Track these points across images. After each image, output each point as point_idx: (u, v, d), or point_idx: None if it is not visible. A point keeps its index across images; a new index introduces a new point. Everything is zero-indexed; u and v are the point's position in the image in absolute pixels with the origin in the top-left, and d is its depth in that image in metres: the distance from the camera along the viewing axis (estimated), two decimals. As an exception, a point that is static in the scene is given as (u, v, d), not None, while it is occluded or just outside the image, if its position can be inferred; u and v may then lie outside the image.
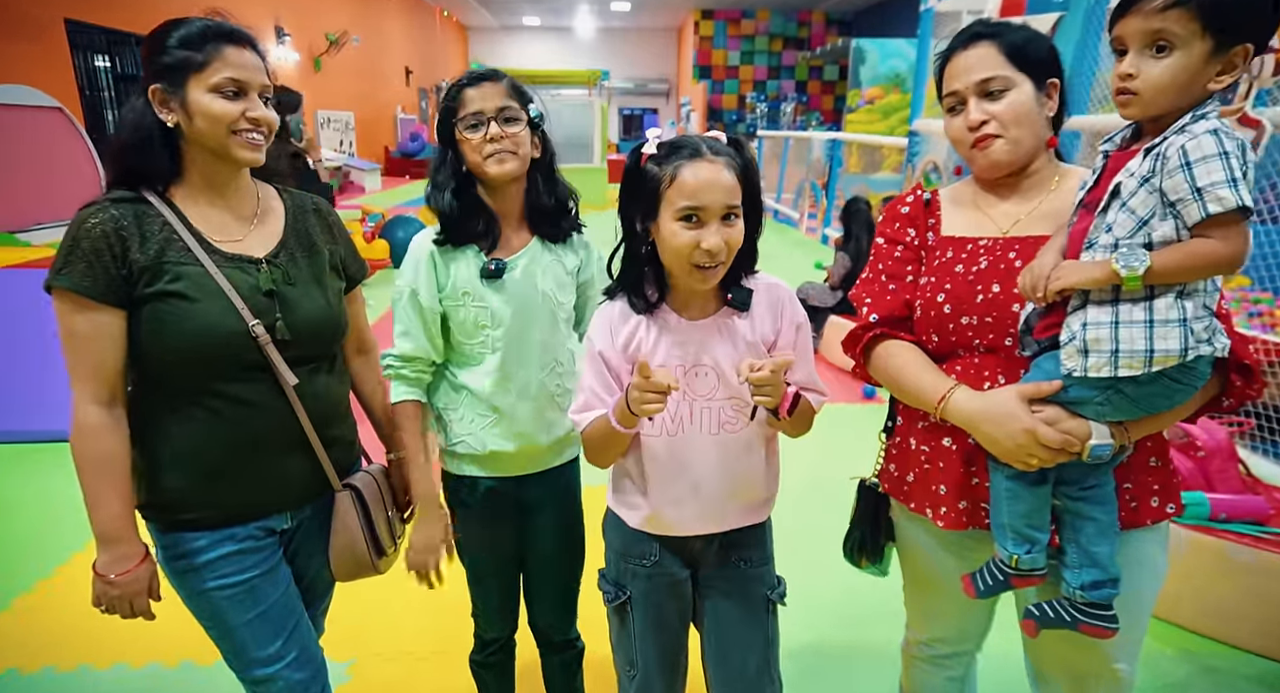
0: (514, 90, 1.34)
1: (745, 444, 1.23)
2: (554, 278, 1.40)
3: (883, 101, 10.73)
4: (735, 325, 1.21)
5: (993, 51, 1.13)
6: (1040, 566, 1.12)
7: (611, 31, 23.39)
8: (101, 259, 1.09)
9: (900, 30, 12.13)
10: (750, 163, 1.16)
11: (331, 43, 12.67)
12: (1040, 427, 1.04)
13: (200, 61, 1.12)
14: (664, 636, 1.33)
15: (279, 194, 1.32)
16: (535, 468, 1.46)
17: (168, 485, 1.18)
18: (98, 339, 1.10)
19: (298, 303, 1.22)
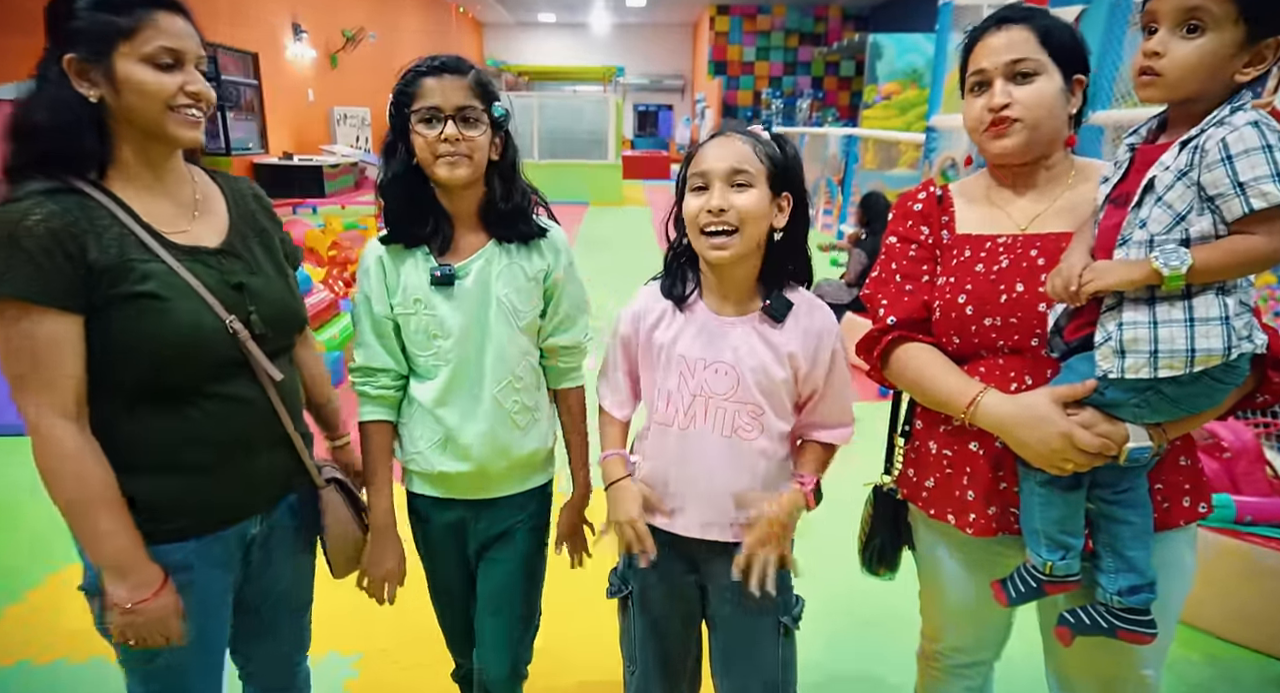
0: (478, 87, 1.22)
1: (760, 453, 1.20)
2: (512, 284, 1.29)
3: (900, 97, 10.63)
4: (768, 333, 1.19)
5: (1027, 34, 1.10)
6: (1075, 571, 1.09)
7: (627, 27, 23.33)
8: (53, 259, 0.95)
9: (918, 25, 12.00)
10: (784, 157, 1.16)
11: (348, 39, 12.71)
12: (1077, 430, 1.01)
13: (129, 27, 0.98)
14: (665, 636, 1.31)
15: (211, 177, 1.20)
16: (491, 494, 1.36)
17: (147, 491, 1.06)
18: (58, 349, 0.97)
19: (263, 293, 1.14)
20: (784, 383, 1.19)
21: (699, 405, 1.19)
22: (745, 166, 1.12)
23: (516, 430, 1.32)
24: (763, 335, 1.19)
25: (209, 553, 1.13)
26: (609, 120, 13.17)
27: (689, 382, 1.19)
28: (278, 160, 10.14)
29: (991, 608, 1.22)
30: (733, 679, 1.29)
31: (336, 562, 1.31)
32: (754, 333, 1.19)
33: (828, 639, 2.08)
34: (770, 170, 1.14)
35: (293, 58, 11.10)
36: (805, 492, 1.21)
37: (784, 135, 1.20)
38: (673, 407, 1.20)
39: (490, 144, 1.26)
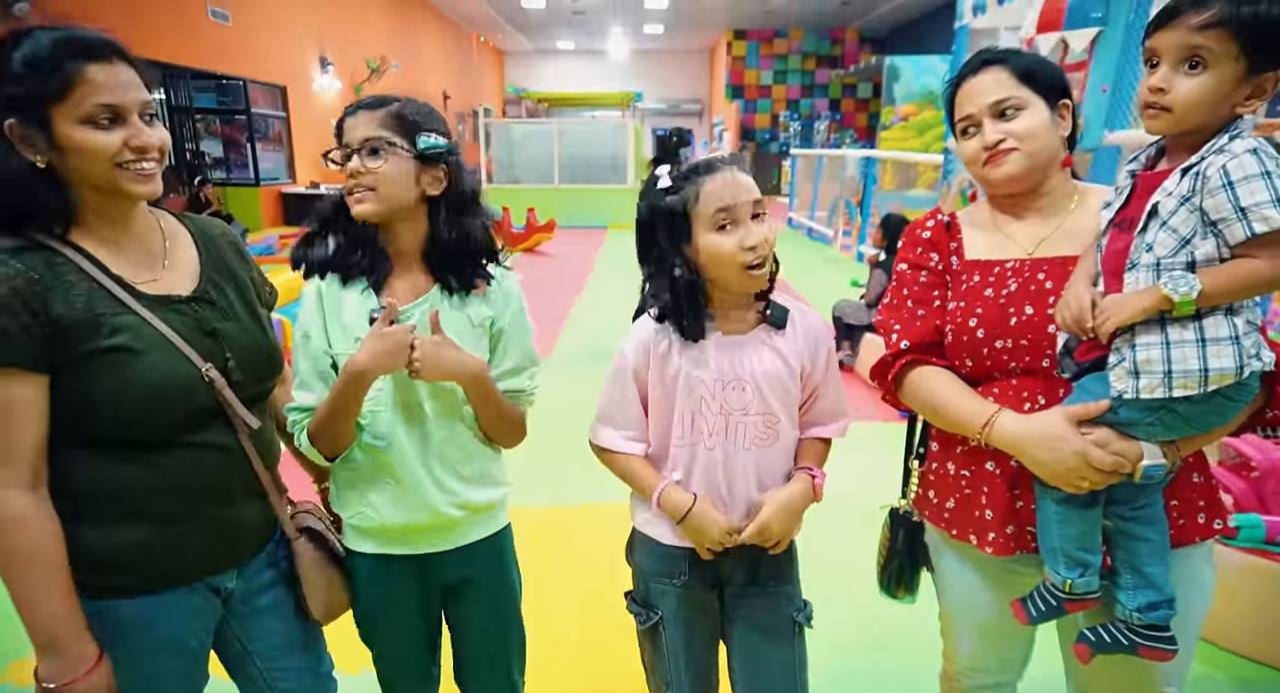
0: (394, 119, 1.17)
1: (780, 457, 1.27)
2: (455, 332, 1.22)
3: (917, 118, 10.68)
4: (774, 342, 1.24)
5: (1004, 75, 1.15)
6: (1094, 589, 1.11)
7: (645, 53, 23.66)
8: (18, 319, 0.93)
9: (935, 47, 12.08)
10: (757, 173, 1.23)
11: (372, 70, 13.03)
12: (1091, 449, 1.04)
13: (60, 89, 0.94)
14: (696, 653, 1.34)
15: (179, 221, 1.17)
16: (447, 543, 1.30)
17: (108, 547, 1.04)
18: (18, 413, 0.94)
19: (239, 339, 1.12)
20: (795, 387, 1.25)
21: (722, 423, 1.22)
22: (758, 196, 1.18)
23: (462, 481, 1.28)
24: (771, 345, 1.24)
25: (179, 605, 1.10)
26: (628, 145, 13.33)
27: (711, 403, 1.22)
28: (304, 189, 10.37)
29: (1012, 628, 1.23)
30: (756, 684, 1.31)
31: (317, 610, 1.27)
32: (763, 345, 1.23)
33: (847, 663, 2.07)
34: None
35: (319, 89, 11.40)
36: (816, 483, 1.26)
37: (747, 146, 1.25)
38: (697, 429, 1.23)
39: (418, 177, 1.20)
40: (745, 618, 1.32)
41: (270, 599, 1.25)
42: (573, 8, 16.97)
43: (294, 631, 1.29)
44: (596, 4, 16.60)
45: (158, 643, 1.11)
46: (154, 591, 1.09)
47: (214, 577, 1.15)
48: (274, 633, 1.26)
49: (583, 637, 2.25)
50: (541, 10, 17.17)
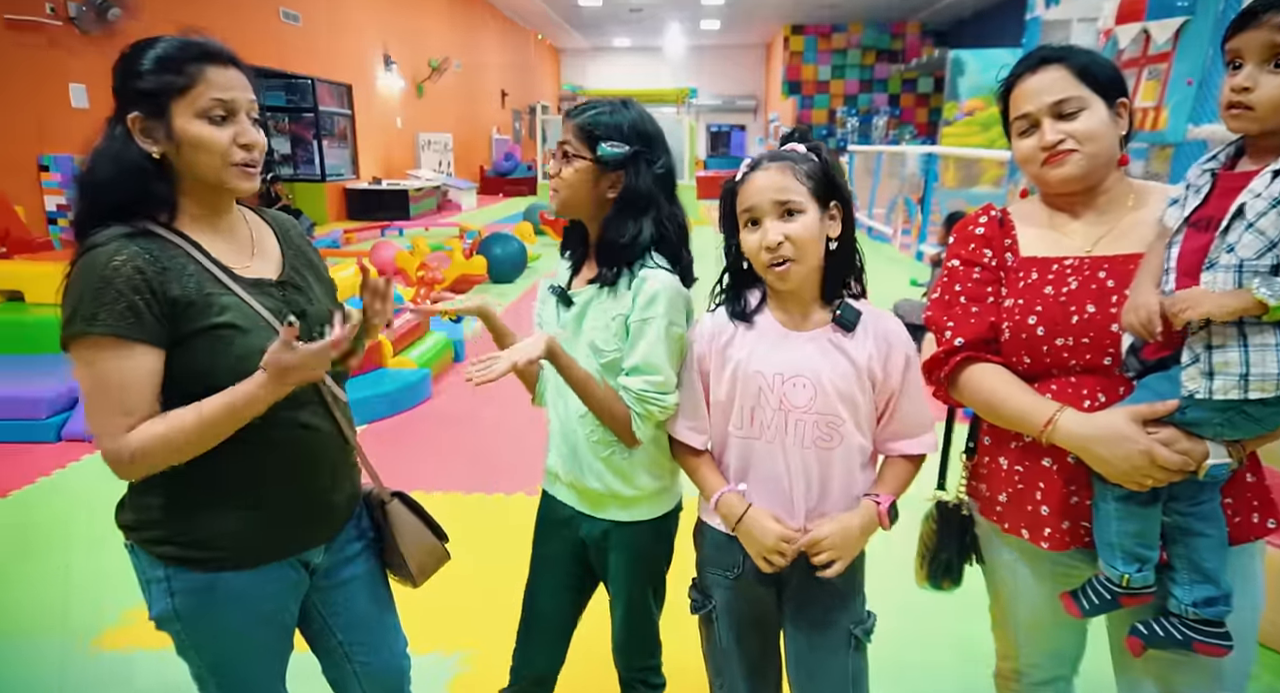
0: (580, 129, 1.31)
1: (843, 462, 1.23)
2: (599, 322, 1.33)
3: (983, 114, 10.39)
4: (842, 343, 1.21)
5: (1064, 73, 1.14)
6: (1150, 583, 1.10)
7: (700, 49, 23.58)
8: (142, 296, 1.01)
9: (1001, 40, 11.74)
10: (824, 166, 1.19)
11: (434, 68, 13.30)
12: (1158, 448, 1.04)
13: (184, 84, 1.03)
14: (750, 648, 1.34)
15: (258, 215, 1.26)
16: (587, 509, 1.41)
17: (216, 524, 1.11)
18: (140, 381, 1.02)
19: (320, 321, 1.19)
20: (864, 391, 1.21)
21: (780, 419, 1.21)
22: (789, 196, 1.15)
23: (598, 461, 1.36)
24: (837, 346, 1.21)
25: (277, 580, 1.18)
26: (683, 142, 13.31)
27: (769, 397, 1.21)
28: (367, 185, 10.67)
29: (1066, 622, 1.22)
30: (803, 687, 1.32)
31: (418, 569, 1.33)
32: (829, 344, 1.21)
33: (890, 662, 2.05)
34: (813, 188, 1.16)
35: (383, 87, 11.70)
36: (879, 510, 1.22)
37: (819, 143, 1.23)
38: (757, 422, 1.23)
39: (597, 182, 1.31)
40: (799, 625, 1.31)
41: (353, 572, 1.31)
42: (630, 5, 17.02)
43: (374, 605, 1.35)
44: (653, 1, 16.62)
45: (258, 616, 1.18)
46: (255, 565, 1.15)
47: (307, 551, 1.22)
48: (355, 607, 1.32)
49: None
50: (598, 8, 17.27)
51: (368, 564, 1.34)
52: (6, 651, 2.15)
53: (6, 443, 3.56)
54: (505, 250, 7.25)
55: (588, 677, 1.67)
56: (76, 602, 2.37)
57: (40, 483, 3.21)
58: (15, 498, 3.08)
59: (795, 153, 1.20)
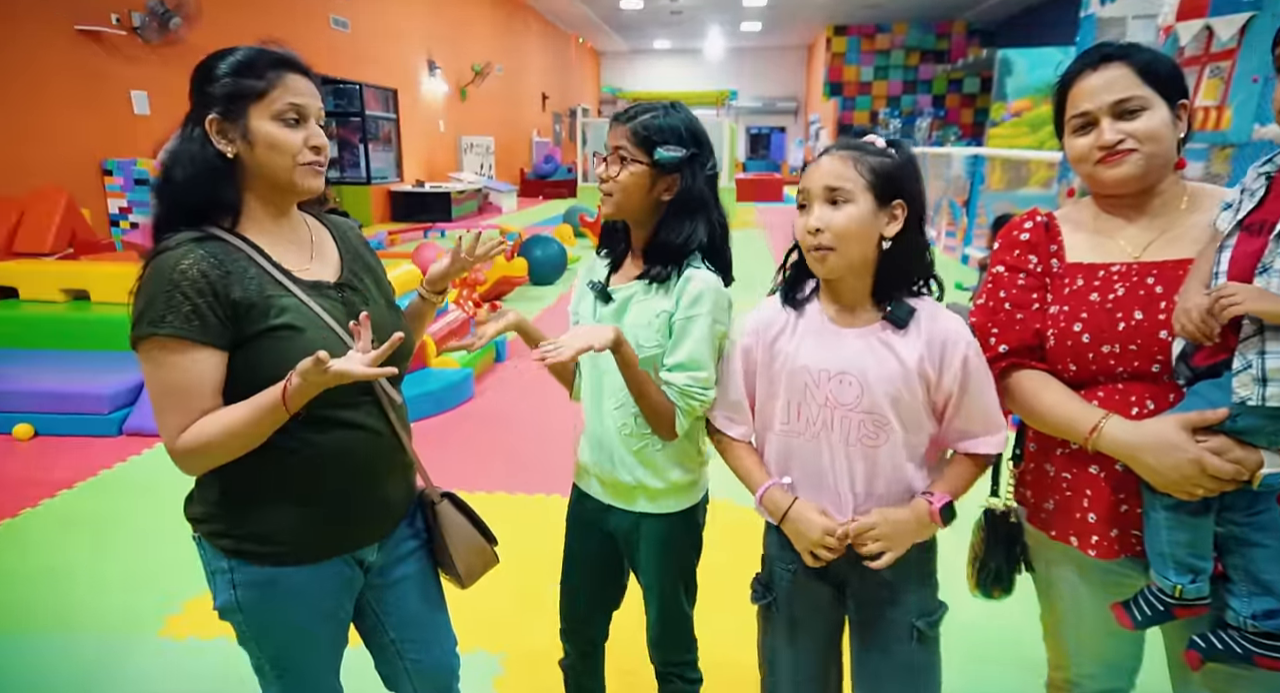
0: (636, 133, 1.32)
1: (891, 461, 1.21)
2: (641, 319, 1.36)
3: (1031, 114, 10.16)
4: (891, 341, 1.18)
5: (1126, 71, 1.11)
6: (1205, 594, 1.07)
7: (741, 51, 23.50)
8: (207, 301, 1.05)
9: (1050, 39, 11.46)
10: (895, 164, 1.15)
11: (477, 73, 13.49)
12: (1208, 457, 1.01)
13: (261, 88, 1.09)
14: (803, 648, 1.33)
15: (317, 219, 1.29)
16: (616, 502, 1.45)
17: (274, 519, 1.15)
18: (201, 382, 1.06)
19: (380, 323, 1.20)
20: (912, 391, 1.18)
21: (825, 415, 1.20)
22: (841, 183, 1.14)
23: (630, 454, 1.40)
24: (886, 343, 1.18)
25: (334, 576, 1.21)
26: (723, 144, 13.27)
27: (815, 393, 1.21)
28: (411, 187, 10.86)
29: (1120, 633, 1.20)
30: (864, 682, 1.31)
31: (466, 571, 1.35)
32: (878, 342, 1.18)
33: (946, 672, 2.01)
34: (873, 181, 1.14)
35: (427, 92, 11.91)
36: (931, 509, 1.18)
37: (901, 141, 1.20)
38: (803, 418, 1.22)
39: (653, 185, 1.34)
40: (859, 619, 1.30)
41: (406, 571, 1.34)
42: (670, 7, 17.05)
43: (425, 604, 1.38)
44: (694, 3, 16.62)
45: (315, 612, 1.21)
46: (312, 561, 1.19)
47: (362, 549, 1.25)
48: (407, 606, 1.35)
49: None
50: (639, 10, 17.33)
51: (420, 564, 1.37)
52: (74, 639, 2.23)
53: (71, 437, 3.71)
54: (546, 253, 7.31)
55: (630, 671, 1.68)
56: (141, 591, 2.45)
57: (102, 476, 3.33)
58: (80, 490, 3.20)
59: (870, 145, 1.17)
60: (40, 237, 4.87)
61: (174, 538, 2.88)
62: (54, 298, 4.53)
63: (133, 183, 5.77)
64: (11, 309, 4.45)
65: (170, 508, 2.83)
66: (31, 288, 4.56)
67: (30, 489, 3.16)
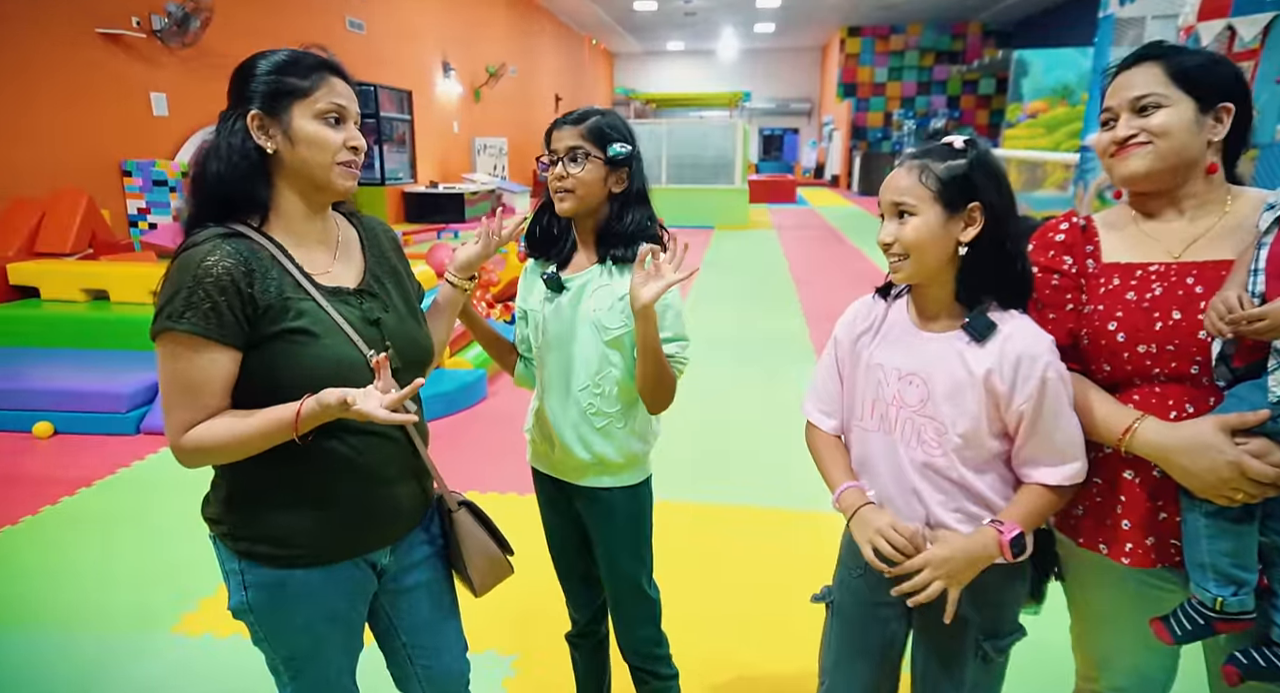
0: (591, 132, 1.41)
1: (953, 473, 1.17)
2: (603, 303, 1.45)
3: (1047, 115, 10.09)
4: (965, 351, 1.15)
5: (1156, 71, 1.11)
6: (1249, 608, 1.04)
7: (754, 53, 23.45)
8: (228, 299, 1.05)
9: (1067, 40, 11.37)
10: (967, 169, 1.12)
11: (491, 74, 13.54)
12: (1247, 459, 0.99)
13: (306, 88, 1.11)
14: (858, 658, 1.31)
15: (348, 219, 1.30)
16: (578, 480, 1.52)
17: (284, 522, 1.15)
18: (212, 380, 1.07)
19: (397, 330, 1.22)
20: (978, 402, 1.14)
21: (893, 414, 1.20)
22: (904, 197, 1.14)
23: (595, 432, 1.48)
24: (960, 353, 1.15)
25: (344, 579, 1.21)
26: (735, 145, 13.26)
27: (885, 390, 1.21)
28: (424, 189, 10.90)
29: (1153, 647, 1.18)
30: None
31: (480, 582, 1.35)
32: (951, 350, 1.16)
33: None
34: (940, 191, 1.12)
35: (441, 93, 11.95)
36: (1001, 540, 1.12)
37: (977, 140, 1.16)
38: (876, 414, 1.23)
39: (606, 178, 1.44)
40: (922, 637, 1.28)
41: (420, 577, 1.34)
42: (684, 9, 17.04)
43: (437, 611, 1.38)
44: (708, 4, 16.60)
45: (326, 614, 1.22)
46: (323, 563, 1.19)
47: (373, 553, 1.25)
48: (418, 612, 1.35)
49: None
50: (653, 12, 17.34)
51: (434, 570, 1.36)
52: (91, 636, 2.25)
53: (89, 435, 3.75)
54: (559, 254, 7.32)
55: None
56: (158, 588, 2.47)
57: (120, 474, 3.36)
58: (98, 487, 3.23)
59: (940, 148, 1.15)
60: (61, 237, 4.92)
61: (191, 536, 2.90)
62: (74, 298, 4.58)
63: (151, 184, 5.83)
64: (33, 309, 4.50)
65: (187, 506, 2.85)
66: (52, 288, 4.62)
67: (50, 487, 3.19)
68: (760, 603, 2.41)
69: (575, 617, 1.71)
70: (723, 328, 5.84)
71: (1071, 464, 1.15)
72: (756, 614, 2.35)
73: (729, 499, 3.14)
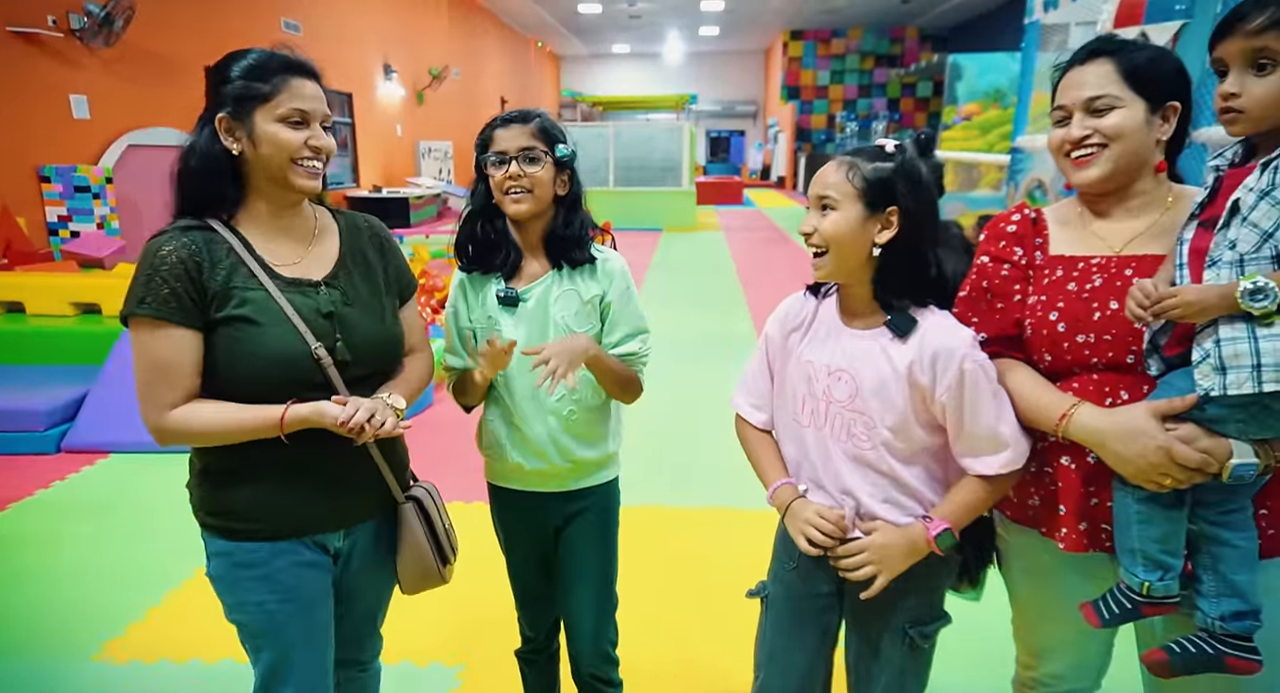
0: (541, 132, 1.40)
1: (883, 466, 1.20)
2: (569, 308, 1.44)
3: (981, 118, 10.40)
4: (888, 348, 1.18)
5: (1109, 69, 1.13)
6: (1174, 593, 1.07)
7: (700, 56, 23.65)
8: (182, 284, 1.13)
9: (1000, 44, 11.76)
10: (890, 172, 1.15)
11: (434, 77, 13.34)
12: (1176, 445, 1.01)
13: (267, 92, 1.16)
14: (793, 650, 1.33)
15: (333, 215, 1.35)
16: (558, 487, 1.50)
17: (236, 498, 1.21)
18: (179, 360, 1.14)
19: (357, 324, 1.25)
20: (904, 397, 1.17)
21: (822, 409, 1.23)
22: (829, 191, 1.17)
23: (575, 439, 1.46)
24: (884, 349, 1.19)
25: (293, 555, 1.24)
26: (682, 147, 13.33)
27: (815, 386, 1.23)
28: (367, 193, 10.69)
29: (1089, 633, 1.20)
30: (855, 682, 1.32)
31: (405, 579, 1.37)
32: (876, 347, 1.20)
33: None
34: (863, 189, 1.15)
35: (383, 96, 11.73)
36: (927, 536, 1.16)
37: (905, 146, 1.19)
38: (807, 409, 1.25)
39: (555, 180, 1.42)
40: (854, 625, 1.31)
41: (370, 564, 1.36)
42: (629, 11, 17.09)
43: (378, 603, 1.42)
44: (653, 7, 16.68)
45: (275, 589, 1.24)
46: (272, 539, 1.23)
47: (322, 535, 1.28)
48: (365, 598, 1.38)
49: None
50: (598, 15, 17.33)
51: (385, 561, 1.38)
52: (6, 664, 2.12)
53: (4, 455, 3.54)
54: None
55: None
56: (80, 614, 2.35)
57: (39, 496, 3.18)
58: (13, 511, 3.05)
59: (871, 150, 1.18)
60: (-29, 246, 4.67)
61: (117, 558, 2.79)
62: (-13, 310, 4.35)
63: (73, 190, 5.57)
64: (-59, 323, 4.26)
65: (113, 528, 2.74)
66: (-38, 300, 4.38)
67: (-41, 512, 3.01)
68: (703, 601, 2.41)
69: (530, 635, 1.66)
70: (670, 329, 5.84)
71: (1001, 454, 1.16)
72: (700, 612, 2.35)
73: (672, 500, 3.14)
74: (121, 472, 3.44)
